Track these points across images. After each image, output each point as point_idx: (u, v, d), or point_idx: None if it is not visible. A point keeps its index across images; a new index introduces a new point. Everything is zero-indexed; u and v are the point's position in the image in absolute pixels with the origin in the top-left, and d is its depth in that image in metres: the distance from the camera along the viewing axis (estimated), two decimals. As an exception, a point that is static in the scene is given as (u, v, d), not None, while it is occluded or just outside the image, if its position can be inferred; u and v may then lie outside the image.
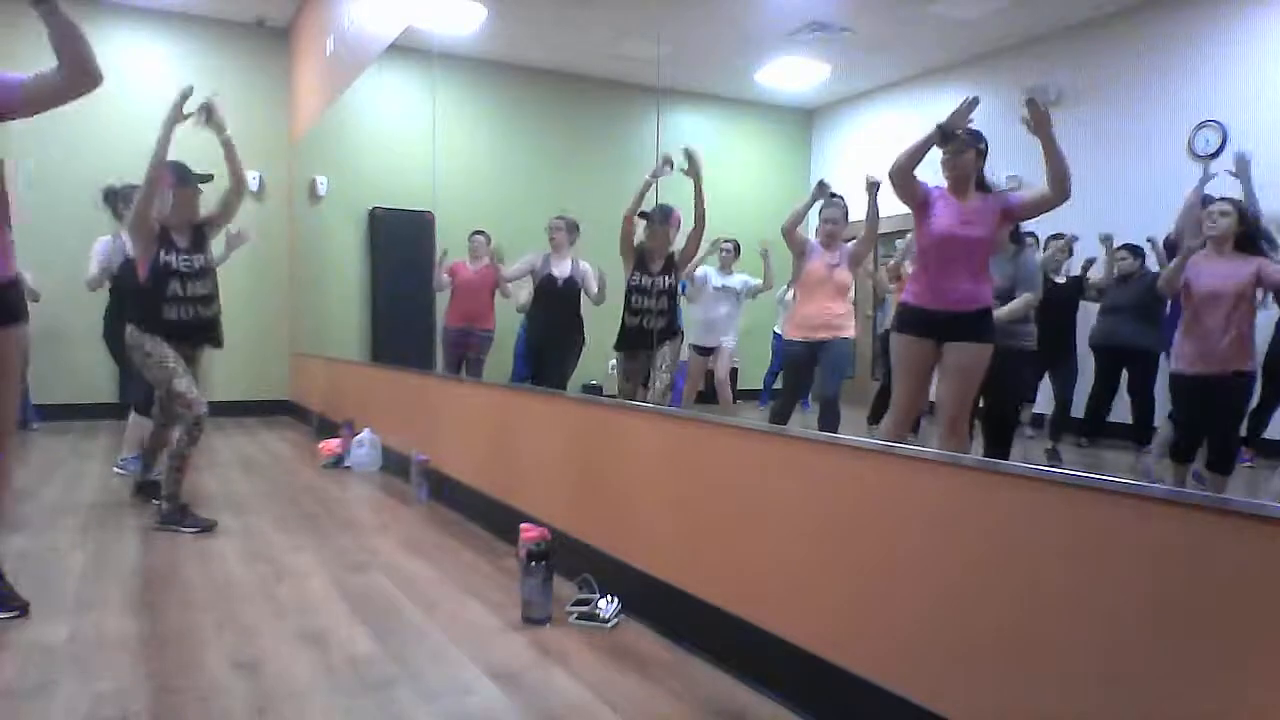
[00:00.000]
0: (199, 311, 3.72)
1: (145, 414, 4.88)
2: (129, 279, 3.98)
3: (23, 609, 2.65)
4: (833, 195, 3.16)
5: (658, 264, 3.56)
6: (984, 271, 2.34)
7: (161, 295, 3.63)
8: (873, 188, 2.77)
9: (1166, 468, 2.36)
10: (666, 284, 3.55)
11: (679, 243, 3.52)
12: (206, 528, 3.74)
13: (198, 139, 3.79)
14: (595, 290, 4.16)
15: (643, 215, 3.53)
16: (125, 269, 4.49)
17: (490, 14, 4.95)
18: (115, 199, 4.89)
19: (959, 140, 2.29)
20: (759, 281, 3.90)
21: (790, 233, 3.14)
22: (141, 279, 3.65)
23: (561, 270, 4.23)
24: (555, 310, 4.28)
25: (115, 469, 5.14)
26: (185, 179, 3.66)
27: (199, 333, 3.78)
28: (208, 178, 3.72)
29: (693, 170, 3.28)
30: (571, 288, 4.23)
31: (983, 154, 2.34)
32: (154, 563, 3.27)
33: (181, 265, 3.65)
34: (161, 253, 3.63)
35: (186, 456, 3.76)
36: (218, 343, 3.89)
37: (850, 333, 3.23)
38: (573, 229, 4.24)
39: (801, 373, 3.28)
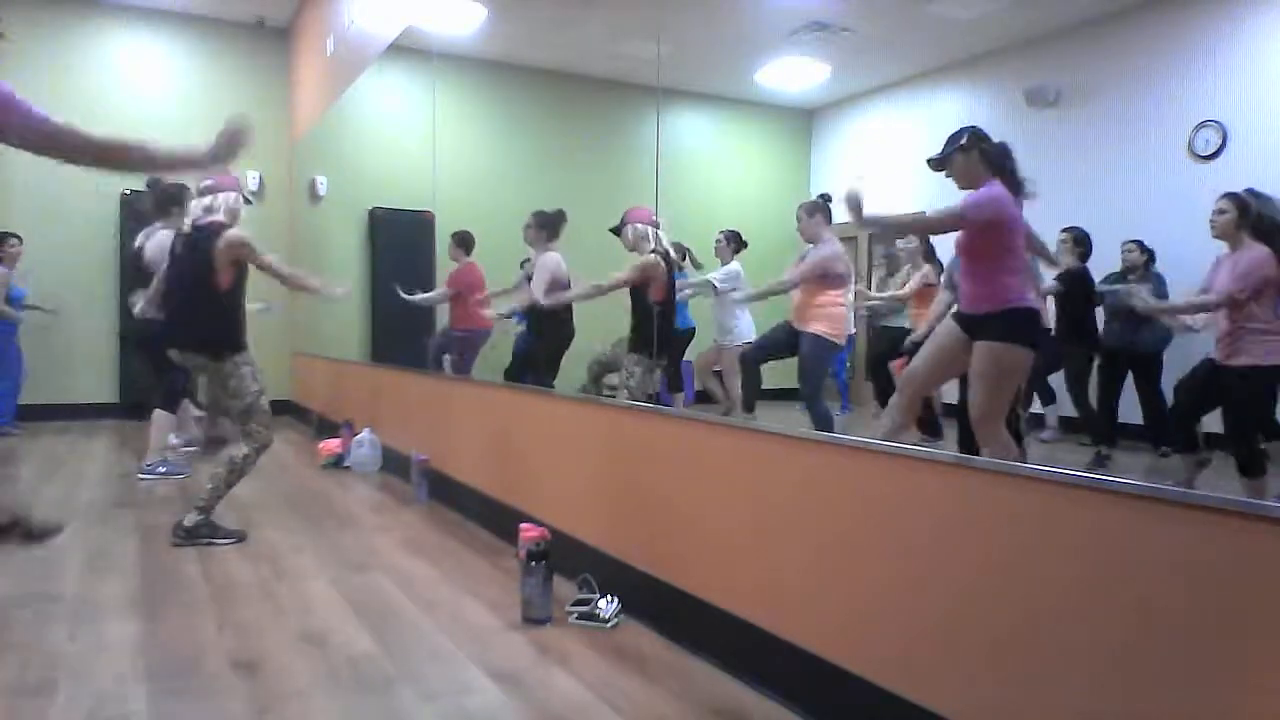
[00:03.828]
0: None
1: (172, 410, 4.89)
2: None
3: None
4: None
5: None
6: (988, 271, 2.20)
7: (243, 304, 3.67)
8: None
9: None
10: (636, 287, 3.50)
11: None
12: (241, 538, 3.60)
13: (196, 143, 3.79)
14: (539, 285, 4.03)
15: (613, 231, 3.49)
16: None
17: (490, 14, 4.95)
18: (166, 198, 4.74)
19: (939, 158, 2.27)
20: (727, 269, 3.85)
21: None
22: (226, 284, 3.55)
23: (529, 268, 4.25)
24: (526, 309, 4.31)
25: (141, 476, 4.96)
26: (246, 197, 3.82)
27: None
28: (251, 200, 3.93)
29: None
30: (526, 282, 4.25)
31: (967, 148, 2.21)
32: (154, 562, 3.27)
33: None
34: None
35: (245, 475, 3.64)
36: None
37: (813, 328, 3.22)
38: (546, 224, 4.16)
39: (777, 344, 3.32)
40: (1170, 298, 2.48)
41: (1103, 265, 2.66)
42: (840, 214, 3.20)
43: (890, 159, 3.40)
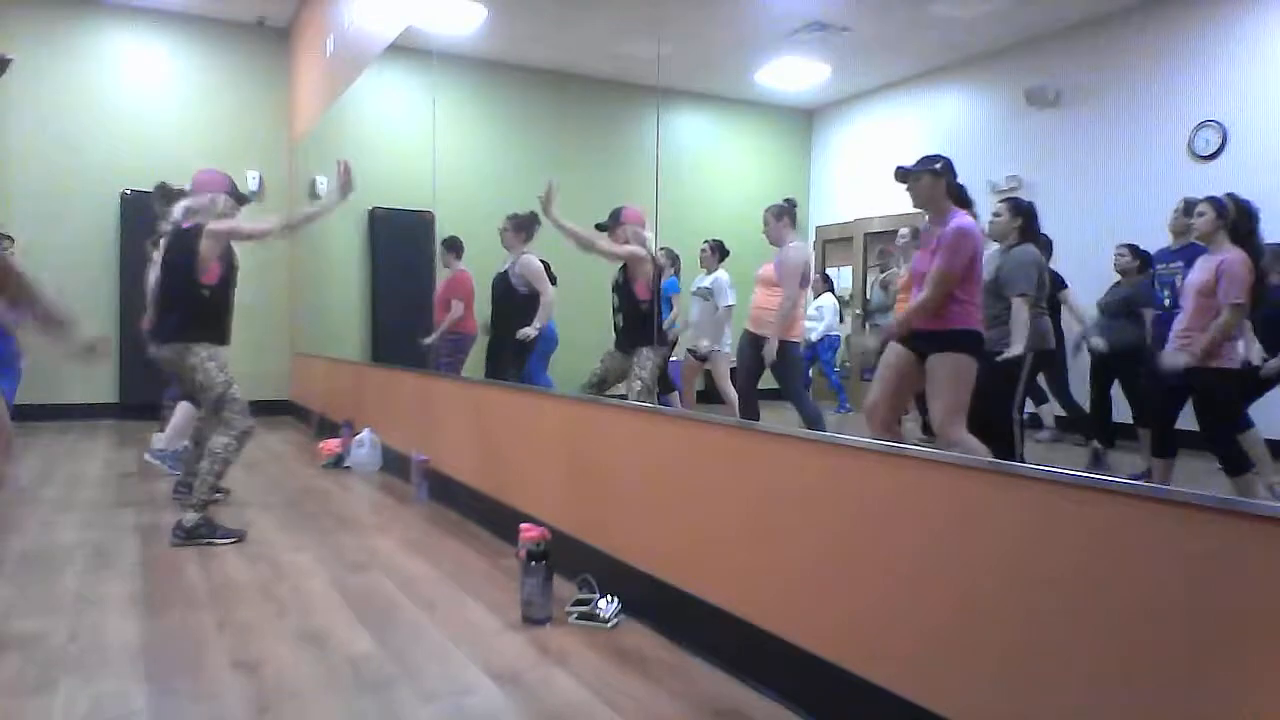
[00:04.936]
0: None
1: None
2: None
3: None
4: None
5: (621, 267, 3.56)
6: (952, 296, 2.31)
7: (229, 301, 3.73)
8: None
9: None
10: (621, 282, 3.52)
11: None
12: (240, 537, 3.59)
13: (196, 143, 3.79)
14: (528, 286, 4.15)
15: (599, 227, 3.53)
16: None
17: (490, 14, 4.95)
18: (171, 198, 4.27)
19: (907, 172, 2.31)
20: (718, 278, 3.88)
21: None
22: (213, 278, 3.62)
23: (504, 268, 4.27)
24: (495, 308, 4.35)
25: (147, 455, 5.10)
26: (238, 196, 3.82)
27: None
28: (247, 199, 3.93)
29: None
30: (504, 283, 4.26)
31: (940, 173, 2.29)
32: (154, 562, 3.27)
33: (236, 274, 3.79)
34: (232, 258, 3.71)
35: (230, 463, 3.67)
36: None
37: (771, 332, 3.28)
38: (522, 226, 4.18)
39: (752, 360, 3.37)
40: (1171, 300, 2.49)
41: (1102, 265, 2.67)
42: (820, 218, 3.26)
43: (890, 159, 3.40)
